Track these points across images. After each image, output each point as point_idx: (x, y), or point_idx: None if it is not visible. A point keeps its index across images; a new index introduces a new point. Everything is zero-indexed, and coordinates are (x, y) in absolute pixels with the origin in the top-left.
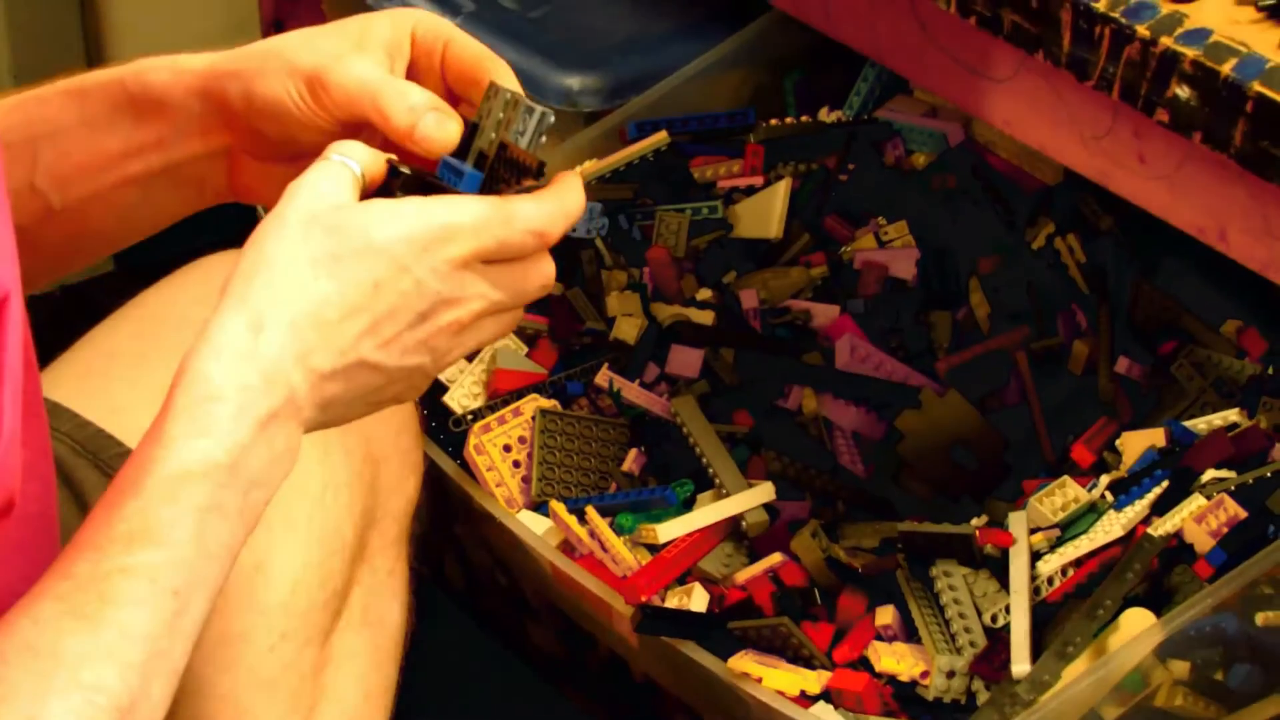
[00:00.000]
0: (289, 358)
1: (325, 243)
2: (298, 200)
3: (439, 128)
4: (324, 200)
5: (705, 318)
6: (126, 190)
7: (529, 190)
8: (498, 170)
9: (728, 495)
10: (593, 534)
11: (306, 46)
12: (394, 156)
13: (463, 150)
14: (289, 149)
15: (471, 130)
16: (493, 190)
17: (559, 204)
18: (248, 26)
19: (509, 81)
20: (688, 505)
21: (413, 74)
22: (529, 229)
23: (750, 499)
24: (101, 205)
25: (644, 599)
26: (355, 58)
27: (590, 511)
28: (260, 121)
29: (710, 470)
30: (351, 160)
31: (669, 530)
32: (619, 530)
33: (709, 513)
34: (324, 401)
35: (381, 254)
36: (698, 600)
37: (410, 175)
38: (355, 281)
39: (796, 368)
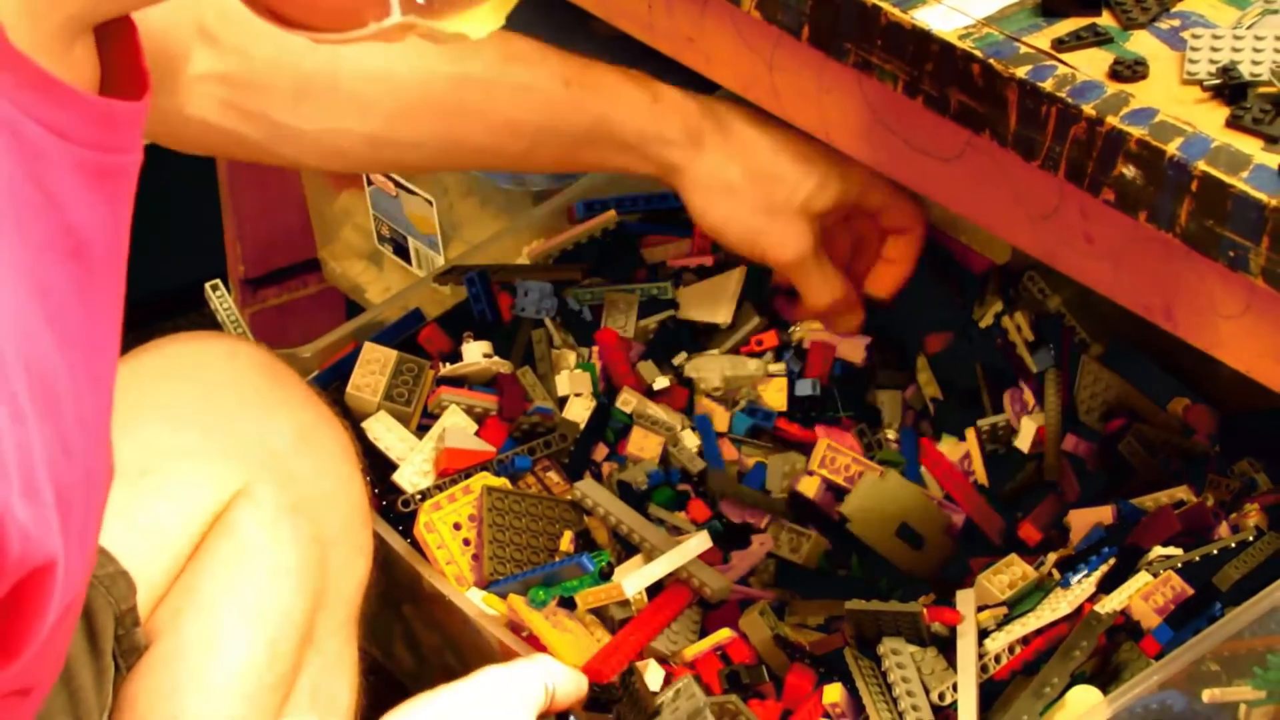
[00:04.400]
0: None
1: None
2: (488, 689)
3: None
4: (508, 703)
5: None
6: None
7: None
8: None
9: (657, 555)
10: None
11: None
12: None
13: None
14: None
15: (652, 712)
16: None
17: None
18: None
19: None
20: (605, 576)
21: None
22: None
23: (692, 547)
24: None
25: (608, 680)
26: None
27: (517, 603)
28: None
29: (634, 536)
30: (551, 680)
31: (633, 584)
32: (535, 604)
33: (668, 560)
34: None
35: None
36: (653, 677)
37: None
38: None
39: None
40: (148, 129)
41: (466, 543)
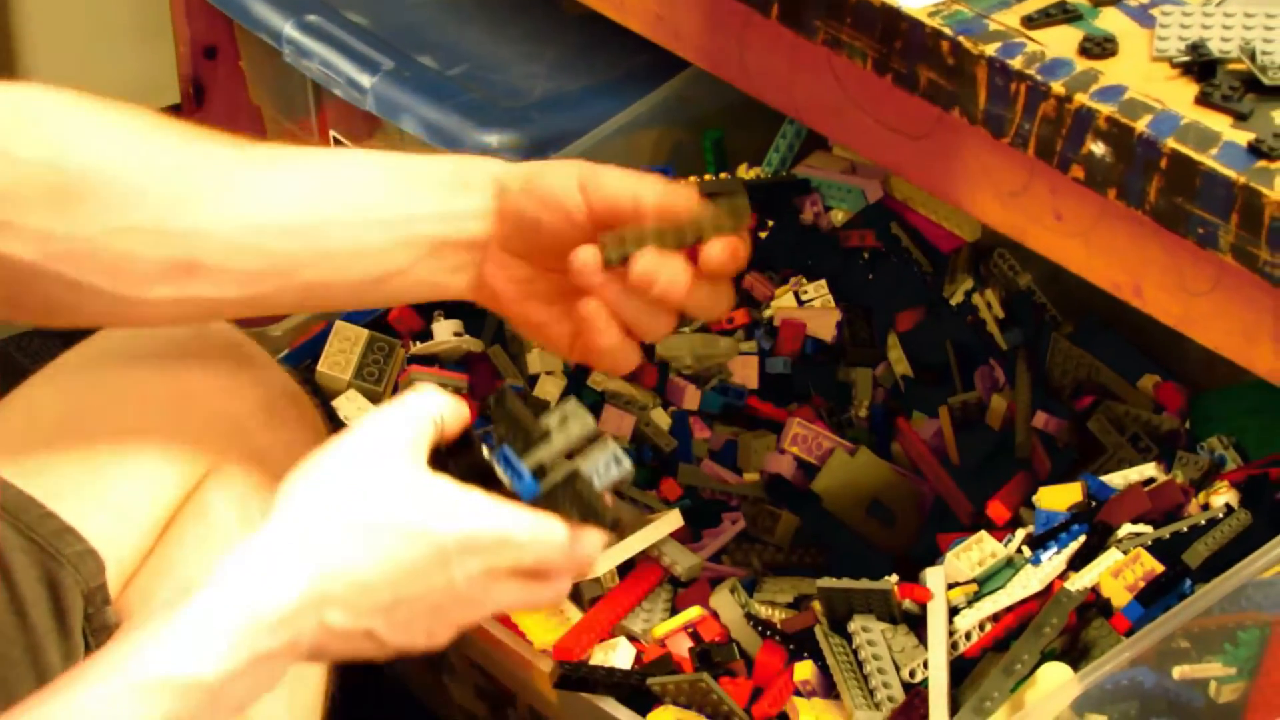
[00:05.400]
0: (309, 604)
1: (386, 510)
2: (373, 440)
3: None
4: (398, 450)
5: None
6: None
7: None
8: (560, 493)
9: (630, 532)
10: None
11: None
12: (472, 428)
13: (516, 441)
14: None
15: (539, 436)
16: (546, 505)
17: (603, 541)
18: (168, 85)
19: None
20: None
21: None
22: (578, 558)
23: (663, 525)
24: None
25: (580, 658)
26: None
27: None
28: (531, 205)
29: None
30: (436, 411)
31: (604, 562)
32: None
33: (639, 539)
34: (318, 649)
35: (431, 543)
36: (622, 655)
37: (475, 447)
38: (397, 559)
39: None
40: None
41: None
